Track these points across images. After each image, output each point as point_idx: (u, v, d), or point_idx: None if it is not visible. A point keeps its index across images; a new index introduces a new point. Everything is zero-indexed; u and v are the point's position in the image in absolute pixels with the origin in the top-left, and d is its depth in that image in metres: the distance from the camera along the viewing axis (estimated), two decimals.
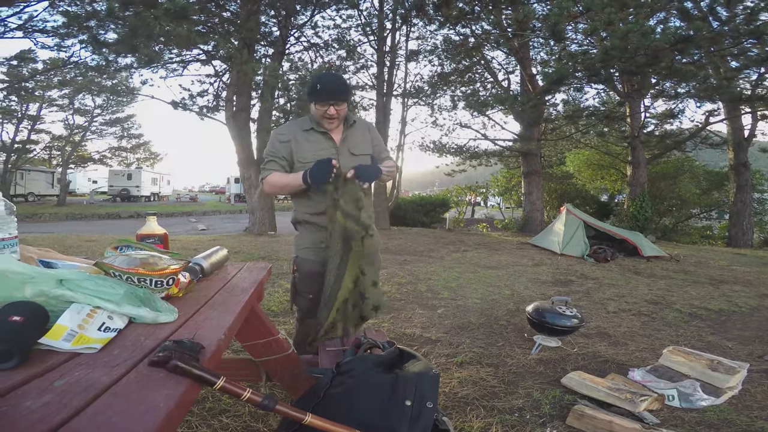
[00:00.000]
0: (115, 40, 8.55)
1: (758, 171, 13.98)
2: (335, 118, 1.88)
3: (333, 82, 1.86)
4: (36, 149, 26.28)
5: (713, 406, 2.05)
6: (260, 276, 1.57)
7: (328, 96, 1.82)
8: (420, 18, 10.81)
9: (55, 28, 10.12)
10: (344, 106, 1.88)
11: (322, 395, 1.23)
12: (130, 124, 30.23)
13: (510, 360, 2.61)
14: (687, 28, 7.76)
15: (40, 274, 0.83)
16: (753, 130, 11.97)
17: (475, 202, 22.17)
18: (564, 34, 8.70)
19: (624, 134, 12.73)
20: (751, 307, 4.09)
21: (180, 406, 0.59)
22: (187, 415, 1.83)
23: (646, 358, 2.69)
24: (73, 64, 11.15)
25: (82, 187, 34.59)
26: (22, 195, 24.51)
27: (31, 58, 14.27)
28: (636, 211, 11.32)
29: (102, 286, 0.86)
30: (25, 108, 22.44)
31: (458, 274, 5.35)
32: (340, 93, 1.84)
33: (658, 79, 10.95)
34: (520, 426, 1.86)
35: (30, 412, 0.51)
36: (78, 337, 0.72)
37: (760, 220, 13.71)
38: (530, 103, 9.96)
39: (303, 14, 11.16)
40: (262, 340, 1.61)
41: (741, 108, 11.06)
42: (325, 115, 1.85)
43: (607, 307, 3.98)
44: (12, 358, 0.64)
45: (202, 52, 10.12)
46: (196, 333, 0.86)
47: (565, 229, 7.66)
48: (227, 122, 10.16)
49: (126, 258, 1.11)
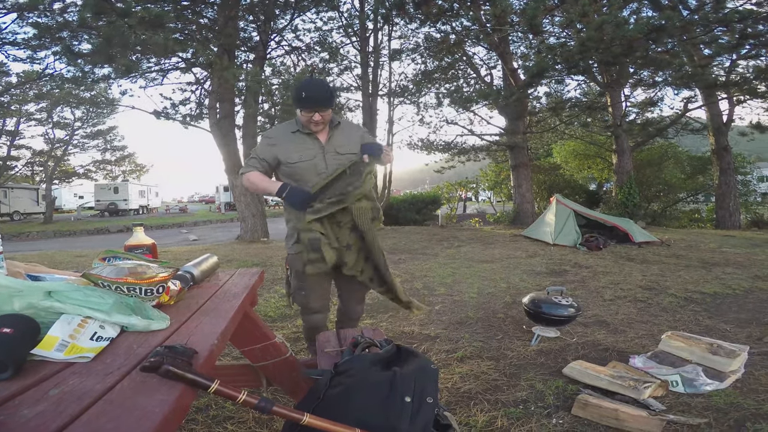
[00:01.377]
0: (89, 50, 8.39)
1: (740, 154, 14.27)
2: (321, 123, 1.96)
3: (317, 91, 1.91)
4: (17, 165, 25.80)
5: (718, 390, 2.04)
6: (252, 281, 1.56)
7: (313, 104, 1.89)
8: (401, 17, 10.83)
9: (26, 40, 9.94)
10: (329, 112, 1.96)
11: (321, 396, 1.22)
12: (112, 136, 29.91)
13: (510, 353, 2.62)
14: (659, 18, 7.89)
15: (28, 287, 0.82)
16: (731, 115, 12.23)
17: (466, 197, 22.27)
18: (541, 28, 8.81)
19: (607, 124, 12.90)
20: (744, 289, 4.14)
21: (175, 411, 0.59)
22: (192, 424, 1.81)
23: (645, 344, 2.70)
24: (48, 76, 10.97)
25: (69, 203, 34.02)
26: (7, 214, 23.99)
27: (3, 72, 13.88)
28: (624, 198, 11.48)
29: (91, 297, 0.84)
30: (2, 123, 21.98)
31: (453, 270, 5.36)
32: (324, 101, 1.91)
33: (635, 68, 11.14)
34: (526, 418, 1.85)
35: (26, 420, 0.52)
36: (70, 347, 0.72)
37: (746, 201, 13.98)
38: (513, 97, 10.04)
39: (283, 18, 11.11)
40: (258, 345, 1.59)
41: (717, 94, 11.30)
42: (310, 121, 1.94)
43: (603, 295, 4.02)
44: (6, 369, 0.65)
45: (181, 59, 9.99)
46: (188, 339, 0.85)
47: (556, 220, 7.73)
48: (212, 130, 10.06)
49: (114, 268, 1.09)
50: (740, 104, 12.11)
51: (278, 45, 11.93)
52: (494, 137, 14.17)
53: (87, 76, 9.38)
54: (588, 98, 13.35)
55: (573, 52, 8.30)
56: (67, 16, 8.67)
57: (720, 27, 8.33)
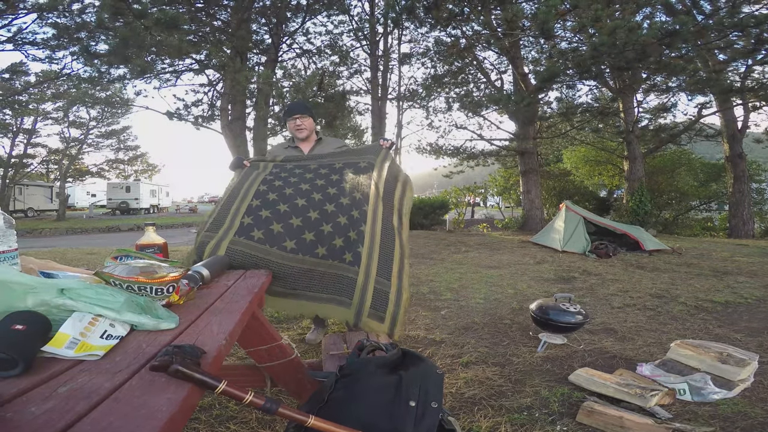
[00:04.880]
0: (106, 51, 8.57)
1: (754, 161, 14.02)
2: (303, 128, 2.55)
3: (294, 104, 2.71)
4: (33, 163, 26.30)
5: (726, 399, 2.02)
6: (260, 282, 1.56)
7: (291, 112, 2.59)
8: (411, 21, 10.86)
9: (46, 40, 10.18)
10: (308, 120, 2.56)
11: (325, 399, 1.23)
12: (126, 136, 30.33)
13: (516, 359, 2.60)
14: (673, 23, 7.82)
15: (42, 284, 0.83)
16: (746, 122, 12.04)
17: (475, 202, 22.17)
18: (553, 32, 8.76)
19: (619, 129, 12.78)
20: (756, 298, 4.08)
21: (182, 410, 0.59)
22: (195, 423, 1.83)
23: (653, 352, 2.68)
24: (65, 76, 11.20)
25: (81, 201, 34.52)
26: (21, 210, 24.40)
27: (23, 71, 14.25)
28: (635, 205, 11.34)
29: (103, 295, 0.86)
30: (20, 122, 22.44)
31: (460, 275, 5.34)
32: (299, 109, 2.58)
33: (648, 73, 11.02)
34: (530, 424, 1.84)
35: (34, 417, 0.53)
36: (80, 345, 0.73)
37: (760, 209, 13.73)
38: (524, 102, 9.99)
39: (294, 21, 11.21)
40: (264, 346, 1.60)
41: (732, 100, 11.13)
42: (294, 127, 2.56)
43: (611, 302, 3.97)
44: (16, 365, 0.65)
45: (195, 61, 10.14)
46: (197, 339, 0.86)
47: (565, 226, 7.66)
48: (223, 131, 10.17)
49: (126, 267, 1.10)
50: (755, 110, 11.93)
51: (289, 48, 12.05)
52: (504, 142, 14.12)
53: (103, 76, 9.57)
54: (600, 103, 13.22)
55: (585, 57, 8.25)
56: (85, 16, 8.86)
57: (735, 32, 8.23)
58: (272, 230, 1.69)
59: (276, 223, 1.71)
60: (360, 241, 1.72)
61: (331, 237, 1.72)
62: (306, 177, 1.95)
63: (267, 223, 1.71)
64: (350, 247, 1.71)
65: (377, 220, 1.84)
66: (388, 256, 1.76)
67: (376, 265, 1.70)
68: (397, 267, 1.74)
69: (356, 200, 1.84)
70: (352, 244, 1.72)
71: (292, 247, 1.67)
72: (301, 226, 1.72)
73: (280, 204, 1.79)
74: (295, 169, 2.03)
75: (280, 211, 1.76)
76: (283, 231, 1.70)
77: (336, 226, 1.75)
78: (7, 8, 9.80)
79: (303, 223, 1.73)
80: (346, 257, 1.69)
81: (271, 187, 1.89)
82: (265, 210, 1.76)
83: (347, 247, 1.71)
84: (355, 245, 1.71)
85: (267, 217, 1.73)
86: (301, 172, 2.00)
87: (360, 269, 1.67)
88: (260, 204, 1.79)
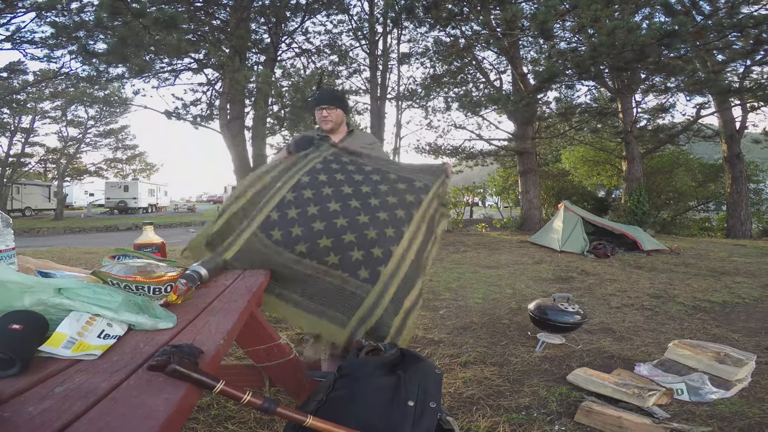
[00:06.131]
0: (105, 50, 8.56)
1: (752, 162, 14.05)
2: (329, 120, 2.28)
3: (323, 93, 2.46)
4: (31, 162, 26.22)
5: (724, 399, 2.03)
6: (259, 281, 1.56)
7: (318, 101, 2.33)
8: (410, 21, 10.86)
9: (44, 39, 10.16)
10: (337, 111, 2.29)
11: (324, 399, 1.22)
12: (124, 135, 30.24)
13: (514, 359, 2.61)
14: (672, 23, 7.84)
15: (39, 283, 0.83)
16: (744, 122, 12.07)
17: (473, 202, 22.17)
18: (552, 32, 8.77)
19: (617, 130, 12.80)
20: (754, 298, 4.09)
21: (180, 410, 0.59)
22: (193, 423, 1.82)
23: (651, 352, 2.68)
24: (64, 75, 11.19)
25: (79, 200, 34.42)
26: (19, 209, 24.34)
27: (21, 70, 14.21)
28: (633, 205, 11.36)
29: (100, 294, 0.85)
30: (18, 121, 22.37)
31: (459, 275, 5.35)
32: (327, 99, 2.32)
33: (647, 74, 11.04)
34: (528, 424, 1.84)
35: (31, 417, 0.53)
36: (78, 344, 0.72)
37: (758, 210, 13.77)
38: (523, 102, 10.00)
39: (293, 21, 11.21)
40: (263, 346, 1.59)
41: (730, 100, 11.16)
42: (321, 118, 2.29)
43: (609, 302, 3.98)
44: (14, 365, 0.65)
45: (194, 60, 10.14)
46: (195, 338, 0.85)
47: (563, 226, 7.67)
48: (222, 131, 10.15)
49: (123, 266, 1.10)
50: (754, 111, 11.96)
51: (288, 47, 12.04)
52: (503, 142, 14.13)
53: (101, 75, 9.56)
54: (598, 104, 13.25)
55: (584, 57, 8.26)
56: (83, 15, 8.84)
57: (734, 32, 8.25)
58: (291, 232, 1.63)
59: (298, 226, 1.64)
60: (385, 260, 1.61)
61: (350, 247, 1.61)
62: (354, 179, 1.83)
63: (289, 225, 1.64)
64: (370, 263, 1.60)
65: (412, 246, 1.72)
66: (407, 286, 1.64)
67: (392, 292, 1.60)
68: (410, 302, 1.64)
69: (396, 218, 1.72)
70: (374, 261, 1.61)
71: (302, 251, 1.60)
72: (321, 230, 1.63)
73: (311, 205, 1.70)
74: (349, 165, 1.91)
75: (308, 213, 1.68)
76: (301, 234, 1.62)
77: (361, 237, 1.63)
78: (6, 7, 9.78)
79: (325, 228, 1.64)
80: (360, 273, 1.59)
81: (313, 180, 1.79)
82: (294, 209, 1.68)
83: (366, 263, 1.60)
84: (377, 263, 1.60)
85: (292, 218, 1.66)
86: (353, 169, 1.88)
87: (374, 290, 1.57)
88: (292, 200, 1.71)
